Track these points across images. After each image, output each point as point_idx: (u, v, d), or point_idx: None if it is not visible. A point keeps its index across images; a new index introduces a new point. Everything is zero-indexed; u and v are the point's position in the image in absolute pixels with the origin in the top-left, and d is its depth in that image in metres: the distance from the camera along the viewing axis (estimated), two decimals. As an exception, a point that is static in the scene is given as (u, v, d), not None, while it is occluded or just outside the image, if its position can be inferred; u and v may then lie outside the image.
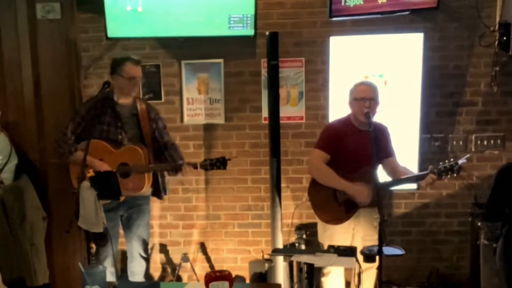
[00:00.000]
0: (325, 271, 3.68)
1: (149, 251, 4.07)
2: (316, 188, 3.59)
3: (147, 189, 3.67)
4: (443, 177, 3.32)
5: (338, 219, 3.53)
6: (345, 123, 3.59)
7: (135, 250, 3.77)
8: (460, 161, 3.30)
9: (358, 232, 3.55)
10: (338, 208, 3.51)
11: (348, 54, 4.11)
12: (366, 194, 3.39)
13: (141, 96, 4.31)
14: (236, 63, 4.34)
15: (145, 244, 3.81)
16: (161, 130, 3.73)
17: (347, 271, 3.72)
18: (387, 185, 3.54)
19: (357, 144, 3.46)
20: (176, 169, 3.57)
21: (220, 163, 3.53)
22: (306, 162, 4.17)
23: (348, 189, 3.43)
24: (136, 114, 3.64)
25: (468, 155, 3.76)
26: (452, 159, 3.33)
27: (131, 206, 3.68)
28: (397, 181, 3.51)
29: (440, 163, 3.33)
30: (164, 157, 3.71)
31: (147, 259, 3.86)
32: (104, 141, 3.54)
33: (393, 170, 3.54)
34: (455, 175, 3.32)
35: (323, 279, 3.70)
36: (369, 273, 3.36)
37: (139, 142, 3.63)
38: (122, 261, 4.15)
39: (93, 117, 3.51)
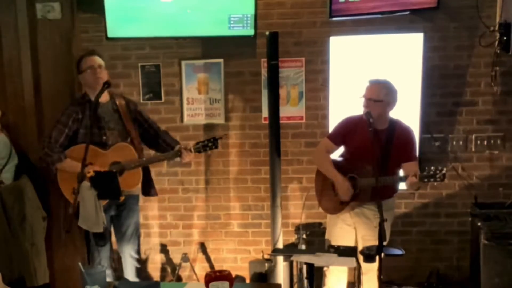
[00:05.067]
0: (327, 272, 3.69)
1: (141, 251, 4.03)
2: (319, 175, 3.68)
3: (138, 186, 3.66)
4: (425, 181, 3.26)
5: (333, 209, 3.60)
6: (361, 119, 3.54)
7: (125, 250, 3.75)
8: (444, 170, 3.25)
9: (358, 230, 3.56)
10: (334, 198, 3.55)
11: (348, 54, 4.12)
12: (345, 189, 3.43)
13: (141, 96, 4.32)
14: (236, 63, 4.33)
15: (135, 244, 3.78)
16: (147, 120, 3.72)
17: (351, 271, 3.72)
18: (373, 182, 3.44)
19: (364, 141, 3.41)
20: (173, 157, 3.57)
21: (212, 143, 3.57)
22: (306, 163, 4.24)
23: (334, 178, 3.51)
24: (117, 110, 3.62)
25: (451, 165, 3.77)
26: (439, 167, 3.25)
27: (120, 205, 3.66)
28: (386, 179, 3.47)
29: (426, 168, 3.28)
30: (159, 144, 3.71)
31: (138, 260, 3.83)
32: (90, 145, 3.52)
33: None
34: (440, 181, 3.24)
35: (326, 279, 3.70)
36: (370, 276, 3.36)
37: (126, 137, 3.60)
38: (118, 261, 4.14)
39: (75, 122, 3.51)
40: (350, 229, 3.58)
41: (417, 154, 3.64)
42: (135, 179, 3.55)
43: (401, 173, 3.57)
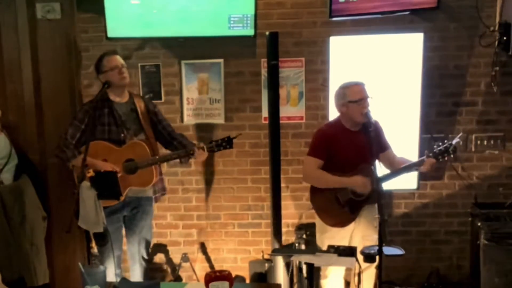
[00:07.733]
0: (325, 272, 3.68)
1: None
2: (317, 194, 3.57)
3: (151, 186, 3.66)
4: (440, 159, 3.40)
5: (344, 222, 3.52)
6: (335, 126, 3.56)
7: (136, 251, 3.76)
8: (454, 141, 3.38)
9: (357, 232, 3.54)
10: (342, 210, 3.49)
11: (348, 54, 4.11)
12: (364, 183, 3.37)
13: (141, 95, 4.31)
14: (236, 63, 4.34)
15: (147, 245, 3.80)
16: (162, 121, 3.74)
17: (347, 271, 3.72)
18: (386, 177, 3.48)
19: (351, 146, 3.45)
20: (186, 155, 3.55)
21: (226, 143, 3.54)
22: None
23: (346, 183, 3.43)
24: (135, 110, 3.64)
25: (460, 134, 3.78)
26: (445, 141, 3.39)
27: (134, 207, 3.67)
28: (396, 172, 3.51)
29: (434, 146, 3.40)
30: (174, 146, 3.71)
31: (148, 261, 3.85)
32: (106, 141, 3.54)
33: (391, 162, 3.54)
34: (451, 156, 3.40)
35: (322, 280, 3.70)
36: (368, 272, 3.36)
37: (143, 136, 3.62)
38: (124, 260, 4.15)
39: (92, 119, 3.50)
40: (346, 237, 3.53)
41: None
42: (149, 178, 3.55)
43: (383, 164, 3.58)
